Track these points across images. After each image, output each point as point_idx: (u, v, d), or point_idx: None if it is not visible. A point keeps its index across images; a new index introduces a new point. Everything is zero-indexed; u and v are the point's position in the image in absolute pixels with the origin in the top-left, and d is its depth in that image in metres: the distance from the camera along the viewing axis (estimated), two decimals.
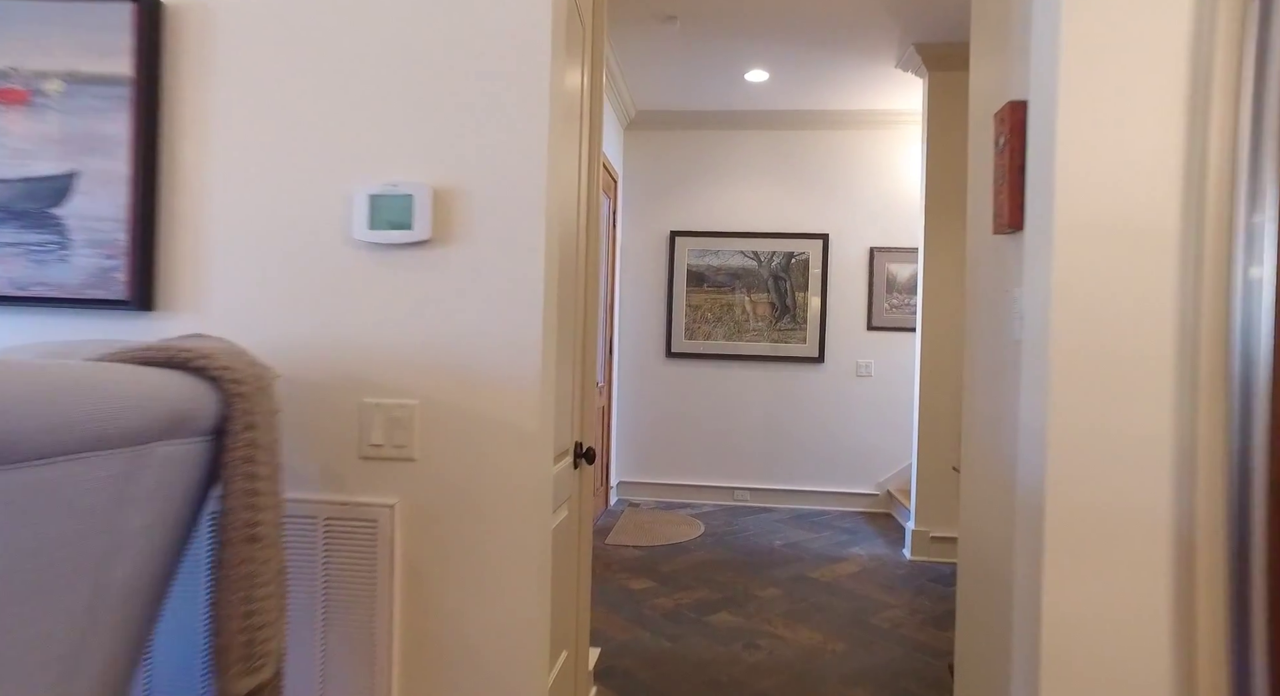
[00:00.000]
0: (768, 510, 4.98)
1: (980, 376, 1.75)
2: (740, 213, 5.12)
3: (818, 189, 5.05)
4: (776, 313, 5.07)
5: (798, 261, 5.05)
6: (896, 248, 4.98)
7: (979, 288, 1.78)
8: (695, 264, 5.15)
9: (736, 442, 5.14)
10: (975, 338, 1.80)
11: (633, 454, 5.25)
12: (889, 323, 4.98)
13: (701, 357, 5.16)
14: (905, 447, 5.00)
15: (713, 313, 5.14)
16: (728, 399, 5.14)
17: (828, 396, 5.04)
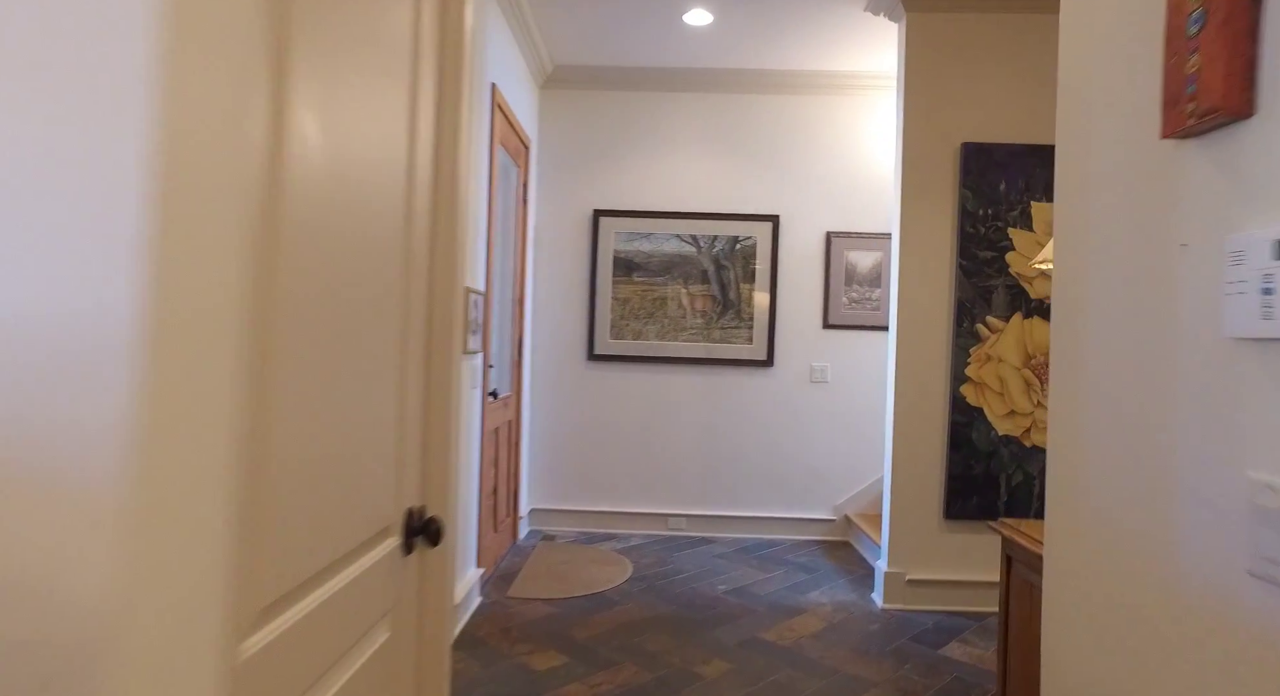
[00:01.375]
0: (708, 541, 4.21)
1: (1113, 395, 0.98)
2: (676, 189, 4.33)
3: (767, 163, 4.30)
4: (718, 307, 4.31)
5: (743, 247, 4.29)
6: (857, 232, 4.28)
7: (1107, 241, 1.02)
8: (623, 249, 4.34)
9: (671, 462, 4.36)
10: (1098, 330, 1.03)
11: (548, 476, 4.40)
12: (848, 320, 4.28)
13: (630, 360, 4.35)
14: (867, 465, 4.31)
15: (643, 307, 4.33)
16: (661, 409, 4.35)
17: (777, 406, 4.30)
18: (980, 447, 3.17)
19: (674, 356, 4.31)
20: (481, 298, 3.05)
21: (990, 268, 3.15)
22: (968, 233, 3.15)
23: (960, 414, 3.16)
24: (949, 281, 3.20)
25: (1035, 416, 3.16)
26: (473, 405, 3.02)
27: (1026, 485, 3.16)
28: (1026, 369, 3.16)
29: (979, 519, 3.18)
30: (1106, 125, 1.02)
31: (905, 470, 3.22)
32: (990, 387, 3.16)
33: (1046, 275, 3.14)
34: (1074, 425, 1.07)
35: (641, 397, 4.35)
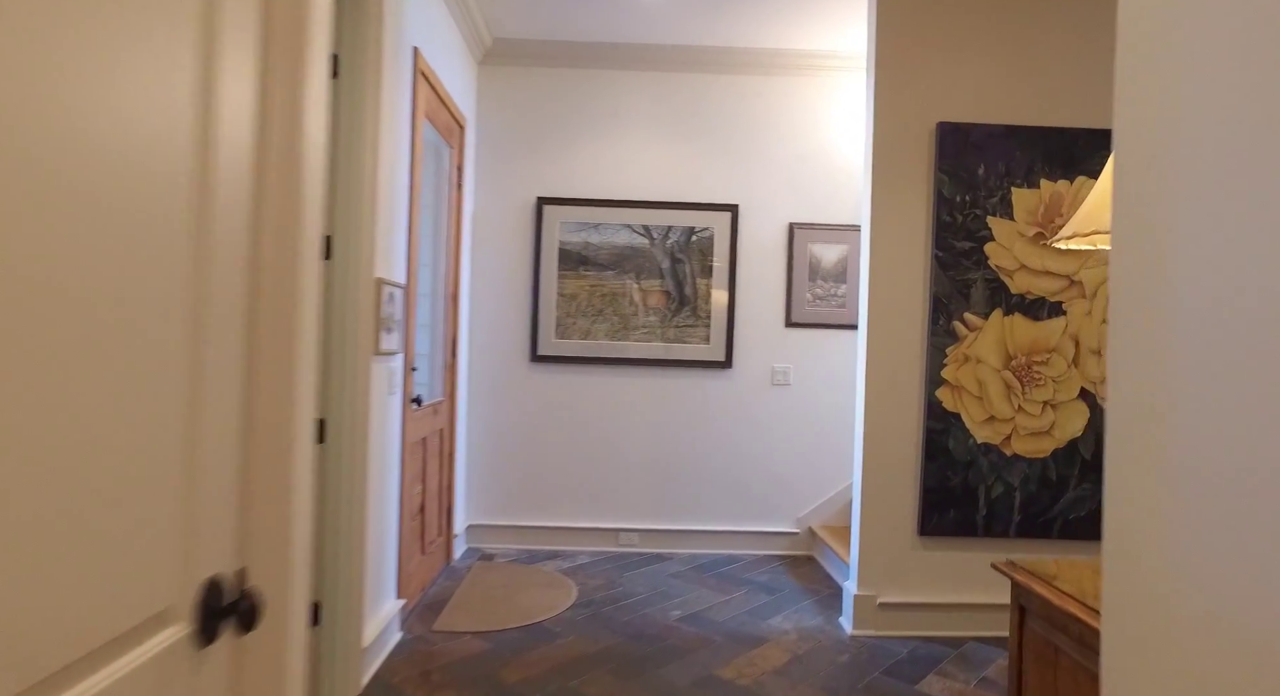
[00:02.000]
0: (661, 558, 3.87)
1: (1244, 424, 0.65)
2: (627, 176, 3.99)
3: (725, 148, 3.98)
4: (673, 304, 3.97)
5: (700, 239, 3.97)
6: (822, 224, 3.99)
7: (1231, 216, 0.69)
8: (570, 241, 3.97)
9: (621, 472, 4.01)
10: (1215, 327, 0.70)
11: (487, 490, 4.01)
12: (812, 318, 3.99)
13: (577, 362, 3.98)
14: (832, 474, 4.02)
15: (591, 304, 3.98)
16: (610, 415, 4.00)
17: (737, 411, 3.99)
18: (957, 457, 2.89)
19: (625, 357, 3.96)
20: (400, 291, 2.66)
21: (968, 260, 2.88)
22: (944, 221, 2.87)
23: (936, 420, 2.88)
24: (924, 274, 2.91)
25: (1017, 422, 2.89)
26: (390, 413, 2.63)
27: (1007, 497, 2.89)
28: (1007, 371, 2.89)
29: (956, 535, 2.90)
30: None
31: (876, 482, 2.92)
32: (968, 391, 2.88)
33: (1029, 269, 2.88)
34: (1161, 468, 0.74)
35: (589, 402, 3.99)
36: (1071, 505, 2.90)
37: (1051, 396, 2.90)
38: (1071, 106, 2.92)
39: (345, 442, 2.23)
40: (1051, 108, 2.91)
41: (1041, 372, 2.89)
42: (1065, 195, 2.88)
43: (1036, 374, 2.89)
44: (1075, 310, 2.89)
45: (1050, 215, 2.88)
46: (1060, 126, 2.89)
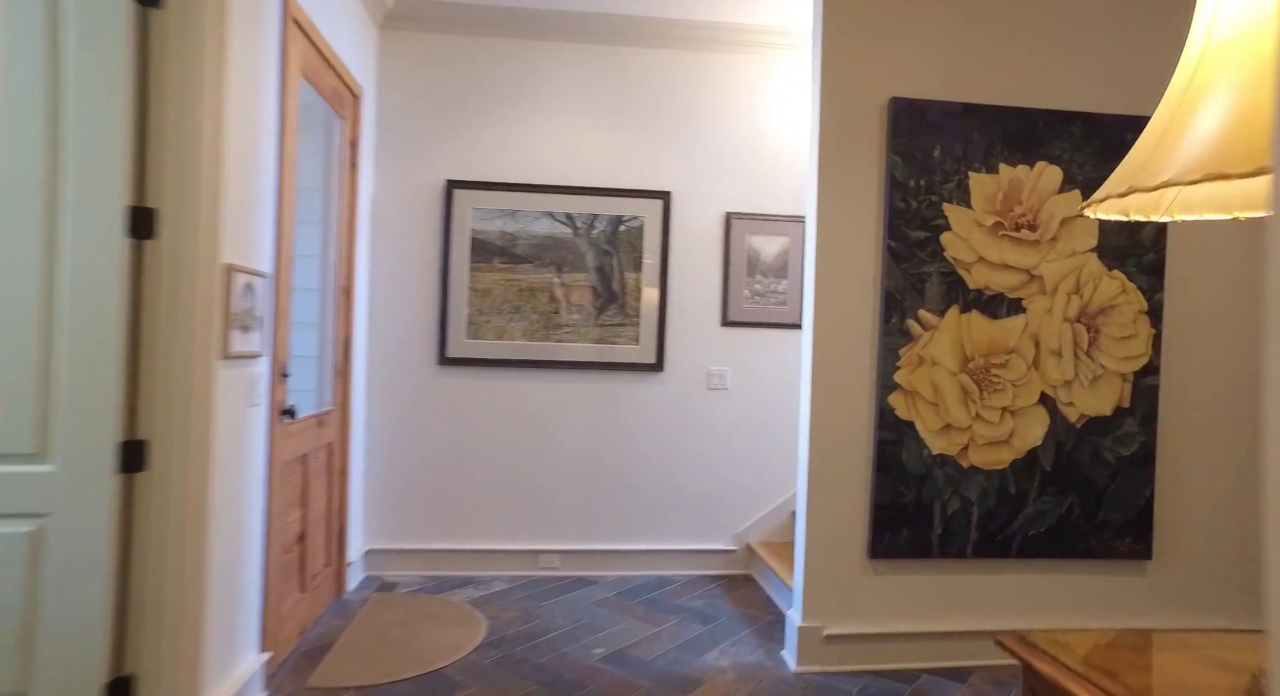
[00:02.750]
0: (586, 582, 3.49)
1: None
2: (549, 158, 3.59)
3: (657, 130, 3.63)
4: (599, 301, 3.59)
5: (629, 230, 3.60)
6: (761, 214, 3.68)
7: None
8: (483, 229, 3.55)
9: (542, 487, 3.60)
10: None
11: (390, 510, 3.54)
12: (751, 316, 3.67)
13: (491, 365, 3.56)
14: (772, 486, 3.71)
15: (508, 300, 3.56)
16: (529, 424, 3.59)
17: (669, 417, 3.64)
18: (911, 470, 2.60)
19: (546, 359, 3.56)
20: (264, 281, 2.19)
21: (923, 251, 2.59)
22: (897, 208, 2.58)
23: (888, 429, 2.59)
24: (875, 267, 2.62)
25: (974, 431, 2.63)
26: (250, 428, 2.16)
27: (964, 513, 2.63)
28: (964, 374, 2.62)
29: (910, 556, 2.61)
30: None
31: (822, 500, 2.61)
32: (923, 396, 2.60)
33: (988, 261, 2.62)
34: None
35: (505, 410, 3.57)
36: (1031, 520, 2.66)
37: (1010, 402, 2.64)
38: (1033, 85, 2.67)
39: (176, 469, 1.77)
40: (1012, 86, 2.66)
41: (1000, 376, 2.64)
42: (1025, 182, 2.63)
43: (995, 377, 2.64)
44: (1035, 307, 2.65)
45: (1009, 203, 2.62)
46: (1020, 106, 2.64)
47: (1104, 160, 2.65)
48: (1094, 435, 2.68)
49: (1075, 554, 2.68)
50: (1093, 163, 2.65)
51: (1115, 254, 2.67)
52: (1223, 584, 2.77)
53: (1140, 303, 2.69)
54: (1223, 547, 2.77)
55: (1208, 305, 2.76)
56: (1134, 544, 2.70)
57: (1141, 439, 2.69)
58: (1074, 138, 2.65)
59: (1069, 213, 2.65)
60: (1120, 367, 2.68)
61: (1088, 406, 2.67)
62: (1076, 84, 2.68)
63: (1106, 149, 2.66)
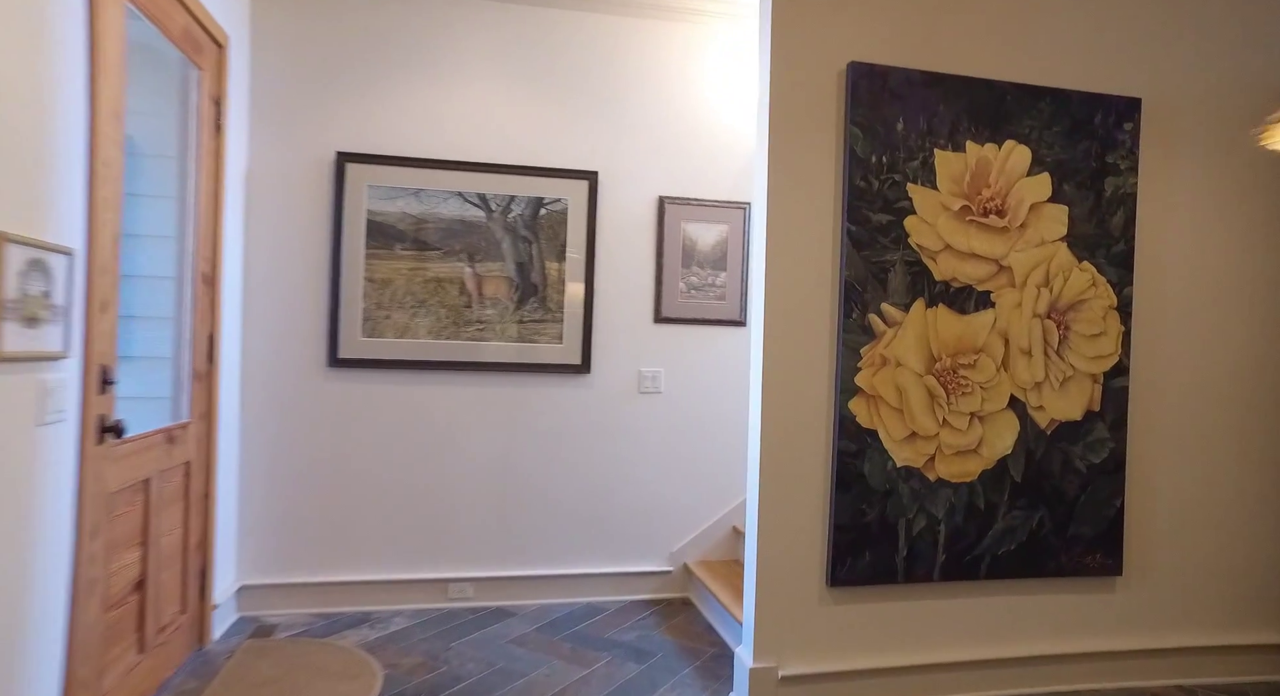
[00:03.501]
0: (503, 614, 3.05)
1: None
2: (460, 130, 3.14)
3: (583, 102, 3.23)
4: (518, 293, 3.17)
5: (551, 213, 3.19)
6: (698, 199, 3.33)
7: None
8: (382, 210, 3.06)
9: (451, 506, 3.15)
10: None
11: (268, 538, 3.01)
12: (686, 312, 3.32)
13: (391, 367, 3.08)
14: (711, 499, 3.37)
15: (411, 293, 3.09)
16: (437, 434, 3.13)
17: (596, 425, 3.25)
18: (875, 485, 2.30)
19: (455, 360, 3.10)
20: (66, 259, 1.68)
21: (886, 236, 2.29)
22: (858, 187, 2.27)
23: (850, 439, 2.27)
24: (833, 254, 2.30)
25: (941, 439, 2.35)
26: (42, 455, 1.64)
27: (930, 532, 2.34)
28: (931, 376, 2.34)
29: (873, 583, 2.31)
30: None
31: (776, 522, 2.27)
32: (886, 402, 2.30)
33: (955, 250, 2.34)
34: None
35: (409, 418, 3.10)
36: (1001, 537, 2.40)
37: (979, 407, 2.38)
38: (1000, 55, 2.42)
39: None
40: (978, 55, 2.40)
41: (968, 378, 2.37)
42: (993, 162, 2.37)
43: (963, 380, 2.36)
44: (1005, 302, 2.39)
45: (977, 185, 2.36)
46: (988, 78, 2.37)
47: (1073, 141, 2.42)
48: (1064, 441, 2.45)
49: (1046, 572, 2.44)
50: (1061, 143, 2.42)
51: (1085, 243, 2.45)
52: (1194, 598, 2.59)
53: (1110, 297, 2.47)
54: (1194, 560, 2.59)
55: (1177, 299, 2.57)
56: (1104, 559, 2.48)
57: (1111, 445, 2.48)
58: (1042, 115, 2.40)
59: (1038, 198, 2.41)
60: (1090, 368, 2.46)
61: (1058, 410, 2.44)
62: (1046, 56, 2.44)
63: (1076, 129, 2.43)
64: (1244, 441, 2.61)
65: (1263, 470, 2.63)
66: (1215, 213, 2.60)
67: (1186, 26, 2.56)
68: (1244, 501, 2.63)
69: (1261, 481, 2.63)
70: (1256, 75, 2.60)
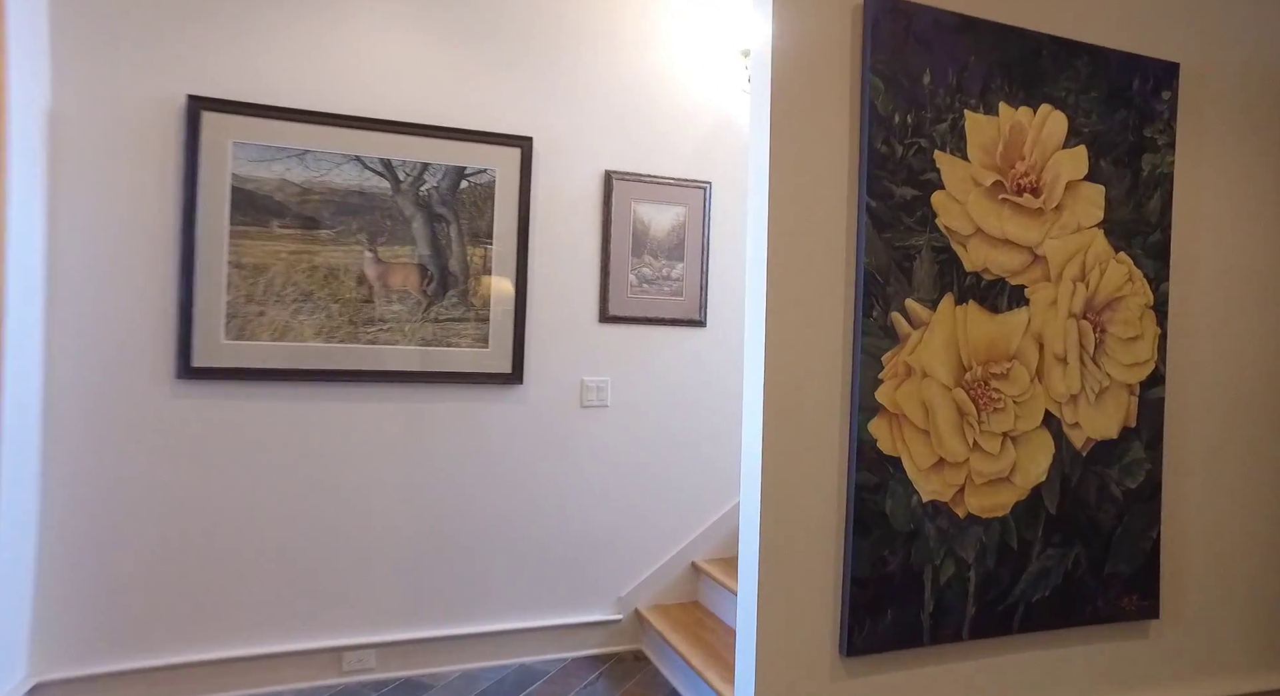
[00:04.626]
0: (415, 687, 2.43)
1: None
2: (359, 77, 2.49)
3: (517, 53, 2.64)
4: (431, 285, 2.55)
5: (475, 187, 2.59)
6: (652, 177, 2.81)
7: None
8: (254, 176, 2.38)
9: (347, 556, 2.50)
10: None
11: (88, 612, 2.27)
12: (638, 310, 2.79)
13: (267, 378, 2.41)
14: (664, 531, 2.86)
15: (296, 282, 2.42)
16: (328, 462, 2.47)
17: (529, 446, 2.67)
18: (898, 526, 1.84)
19: (350, 369, 2.46)
20: None
21: (910, 216, 1.84)
22: (879, 153, 1.81)
23: (869, 469, 1.81)
24: (847, 237, 1.83)
25: (971, 466, 1.92)
26: None
27: (959, 581, 1.91)
28: (960, 388, 1.90)
29: (895, 647, 1.85)
30: None
31: (779, 578, 1.78)
32: (911, 422, 1.85)
33: (986, 235, 1.92)
34: None
35: (288, 444, 2.42)
36: (1034, 582, 2.00)
37: (1012, 425, 1.97)
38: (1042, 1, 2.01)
39: None
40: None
41: (1000, 391, 1.95)
42: (1028, 129, 1.96)
43: (995, 392, 1.94)
44: (1039, 298, 1.99)
45: (1010, 157, 1.94)
46: (1022, 27, 1.96)
47: (1111, 109, 2.05)
48: (1100, 464, 2.07)
49: (1082, 619, 2.06)
50: (1100, 111, 2.04)
51: (1123, 231, 2.09)
52: (1234, 638, 2.29)
53: (1147, 294, 2.12)
54: (1231, 596, 2.29)
55: (1212, 298, 2.25)
56: (1141, 600, 2.12)
57: (1148, 466, 2.13)
58: (1079, 77, 2.02)
59: (1074, 175, 2.02)
60: (1126, 377, 2.10)
61: (1094, 428, 2.06)
62: (1083, 5, 2.06)
63: (1114, 95, 2.06)
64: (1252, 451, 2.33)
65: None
66: (1255, 199, 2.30)
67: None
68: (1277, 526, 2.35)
69: None
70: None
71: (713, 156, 2.87)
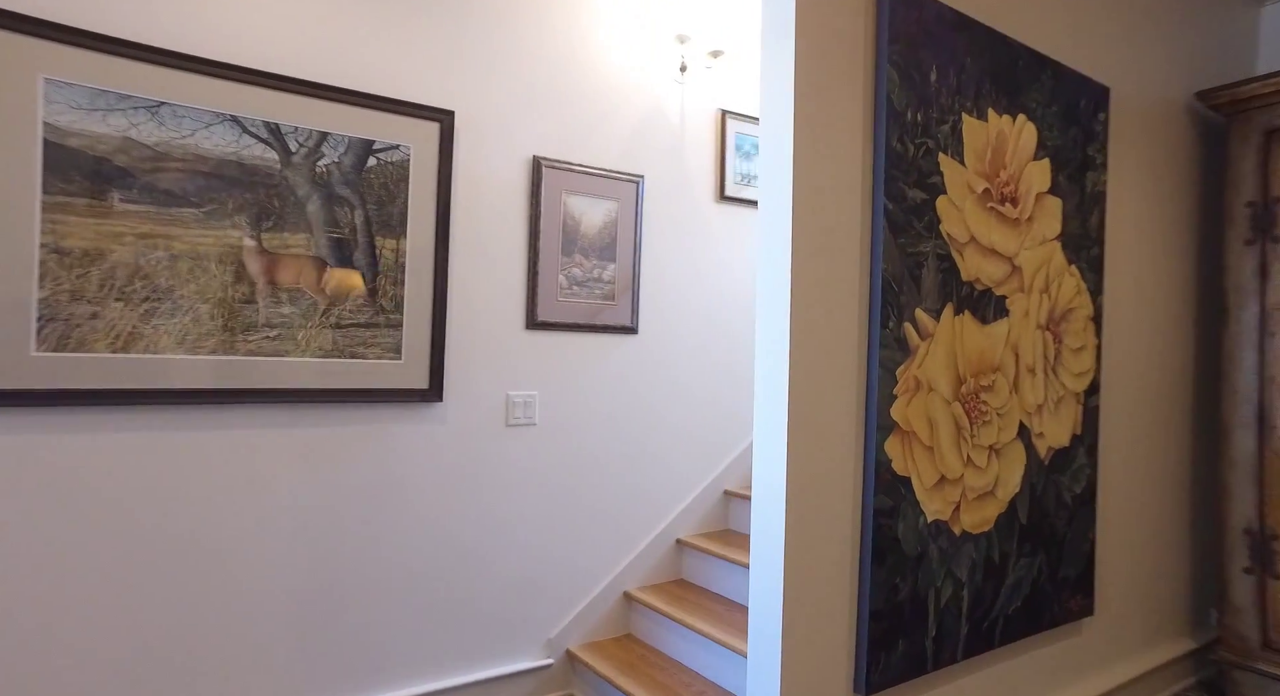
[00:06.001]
0: None
1: None
2: (241, 17, 1.96)
3: (436, 12, 2.24)
4: (332, 282, 2.08)
5: (385, 166, 2.15)
6: (583, 167, 2.52)
7: None
8: (80, 129, 1.78)
9: (223, 611, 1.97)
10: None
11: None
12: (569, 315, 2.50)
13: (105, 403, 1.81)
14: (597, 561, 2.59)
15: (146, 274, 1.85)
16: (194, 509, 1.92)
17: (449, 474, 2.28)
18: (909, 550, 1.73)
19: (226, 388, 1.93)
20: None
21: (920, 220, 1.74)
22: (895, 152, 1.68)
23: (885, 492, 1.68)
24: (861, 241, 1.68)
25: (965, 482, 1.86)
26: None
27: (955, 601, 1.84)
28: (957, 402, 1.83)
29: (906, 678, 1.74)
30: None
31: (799, 615, 1.59)
32: (919, 439, 1.75)
33: (979, 243, 1.87)
34: None
35: (136, 488, 1.85)
36: (1011, 594, 1.99)
37: (996, 438, 1.94)
38: (1018, 7, 2.00)
39: None
40: (1000, 2, 1.96)
41: (987, 404, 1.91)
42: (1009, 138, 1.95)
43: (983, 405, 1.90)
44: (1017, 309, 1.99)
45: (995, 164, 1.91)
46: (1005, 34, 1.94)
47: (1066, 125, 2.11)
48: (1057, 472, 2.12)
49: (1042, 625, 2.08)
50: (1059, 125, 2.09)
51: (1074, 244, 2.15)
52: (1141, 622, 2.45)
53: (1089, 306, 2.21)
54: (1140, 585, 2.45)
55: (1131, 312, 2.40)
56: (1083, 599, 2.21)
57: (1088, 472, 2.22)
58: (1045, 91, 2.05)
59: (1041, 188, 2.04)
60: (1075, 386, 2.17)
61: (1054, 437, 2.10)
62: (1049, 21, 2.09)
63: (1068, 112, 2.11)
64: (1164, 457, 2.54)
65: (1180, 484, 2.59)
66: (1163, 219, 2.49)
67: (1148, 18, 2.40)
68: (1167, 516, 2.56)
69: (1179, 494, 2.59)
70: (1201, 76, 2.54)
71: (645, 148, 2.64)
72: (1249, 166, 2.46)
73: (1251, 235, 2.46)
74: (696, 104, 2.77)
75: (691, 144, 2.75)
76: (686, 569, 2.76)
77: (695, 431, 2.79)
